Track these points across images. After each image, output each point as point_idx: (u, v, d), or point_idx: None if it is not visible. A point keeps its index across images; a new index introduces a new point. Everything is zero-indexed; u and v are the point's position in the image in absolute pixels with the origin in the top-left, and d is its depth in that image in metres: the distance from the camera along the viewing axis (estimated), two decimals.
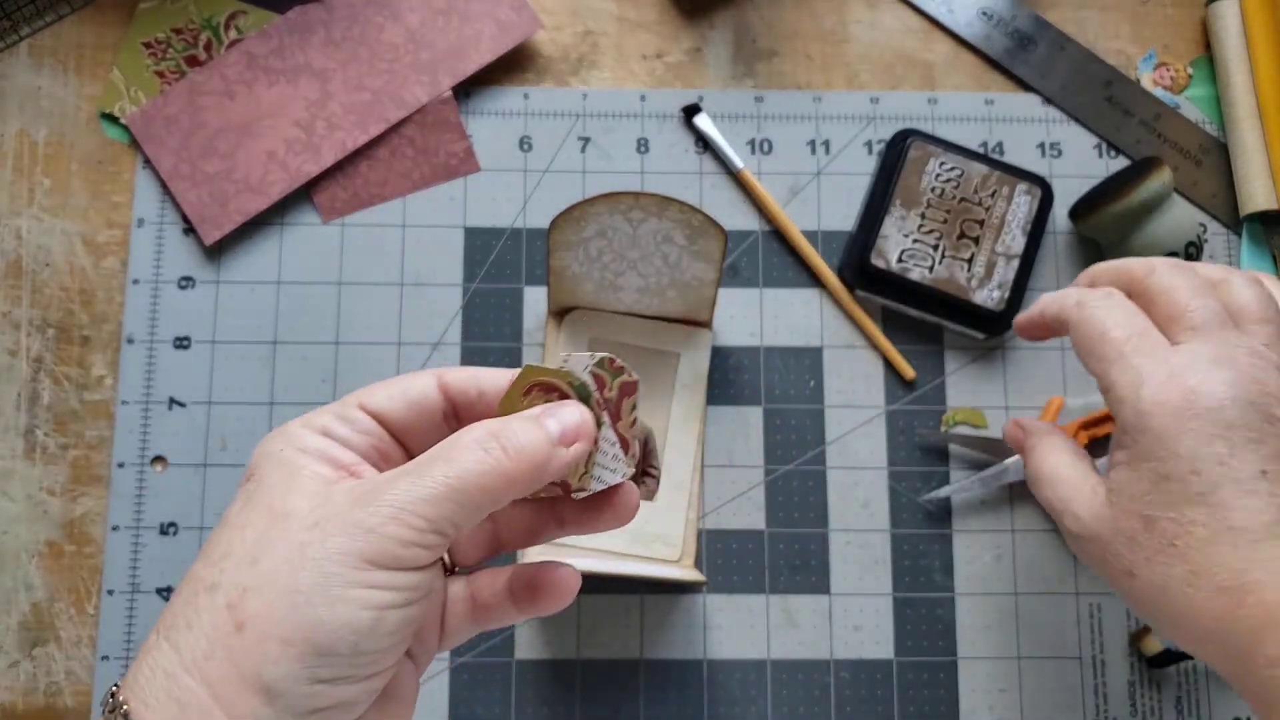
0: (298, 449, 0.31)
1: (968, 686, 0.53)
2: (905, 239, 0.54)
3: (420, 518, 0.29)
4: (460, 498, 0.29)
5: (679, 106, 0.58)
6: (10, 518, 0.53)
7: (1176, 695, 0.53)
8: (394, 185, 0.57)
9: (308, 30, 0.57)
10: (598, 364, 0.34)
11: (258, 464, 0.32)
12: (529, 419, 0.31)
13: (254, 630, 0.28)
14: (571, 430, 0.32)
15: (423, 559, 0.29)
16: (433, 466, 0.29)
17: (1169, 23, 0.60)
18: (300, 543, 0.28)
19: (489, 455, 0.30)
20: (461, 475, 0.29)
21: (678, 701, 0.52)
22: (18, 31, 0.57)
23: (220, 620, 0.28)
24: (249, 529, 0.30)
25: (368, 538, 0.28)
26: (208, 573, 0.29)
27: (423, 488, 0.29)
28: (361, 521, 0.28)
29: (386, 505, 0.29)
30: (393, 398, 0.33)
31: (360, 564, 0.28)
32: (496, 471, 0.30)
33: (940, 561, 0.54)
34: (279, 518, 0.29)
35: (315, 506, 0.29)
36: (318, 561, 0.28)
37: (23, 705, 0.51)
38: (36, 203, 0.56)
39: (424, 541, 0.29)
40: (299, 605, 0.28)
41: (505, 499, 0.31)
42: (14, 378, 0.54)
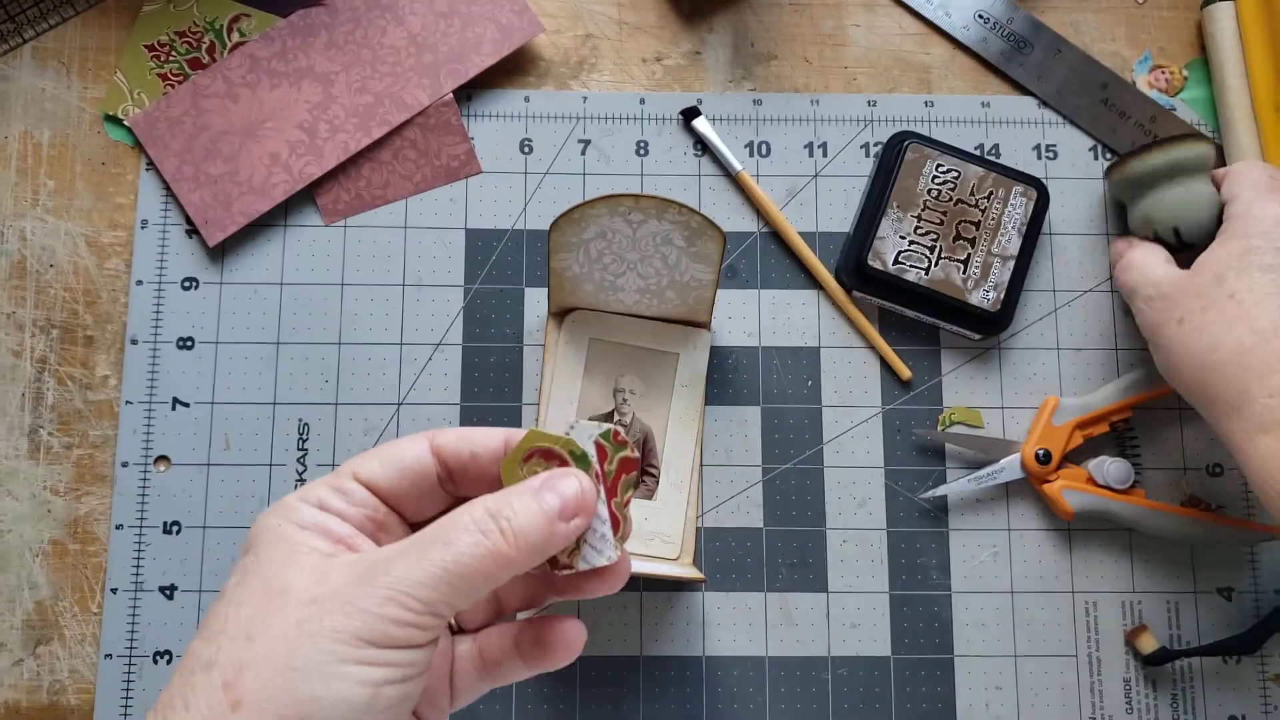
0: (294, 524, 0.31)
1: (964, 684, 0.53)
2: (902, 240, 0.54)
3: (417, 600, 0.29)
4: (457, 581, 0.29)
5: (678, 109, 0.58)
6: (15, 516, 0.53)
7: (1172, 693, 0.53)
8: (396, 187, 0.57)
9: (310, 33, 0.57)
10: (603, 435, 0.33)
11: (256, 537, 0.32)
12: (528, 493, 0.31)
13: (250, 708, 0.27)
14: (572, 505, 0.32)
15: (419, 639, 0.29)
16: (430, 550, 0.29)
17: (1164, 25, 0.60)
18: (297, 620, 0.28)
19: (487, 539, 0.30)
20: (458, 560, 0.29)
21: (677, 698, 0.52)
22: (22, 34, 0.58)
23: (216, 699, 0.28)
24: (245, 605, 0.29)
25: (363, 617, 0.28)
26: (204, 650, 0.29)
27: (420, 570, 0.29)
28: (357, 601, 0.28)
29: (383, 587, 0.29)
30: (386, 466, 0.33)
31: (356, 642, 0.28)
32: (494, 555, 0.30)
33: (937, 560, 0.54)
34: (274, 594, 0.29)
35: (312, 584, 0.29)
36: (314, 638, 0.28)
37: (27, 703, 0.52)
38: (40, 204, 0.56)
39: (420, 623, 0.29)
40: (294, 682, 0.28)
41: (504, 579, 0.30)
42: (18, 378, 0.55)
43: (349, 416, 0.55)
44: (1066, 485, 0.53)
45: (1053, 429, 0.54)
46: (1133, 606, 0.54)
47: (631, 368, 0.53)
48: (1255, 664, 0.54)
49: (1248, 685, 0.53)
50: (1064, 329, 0.56)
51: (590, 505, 0.32)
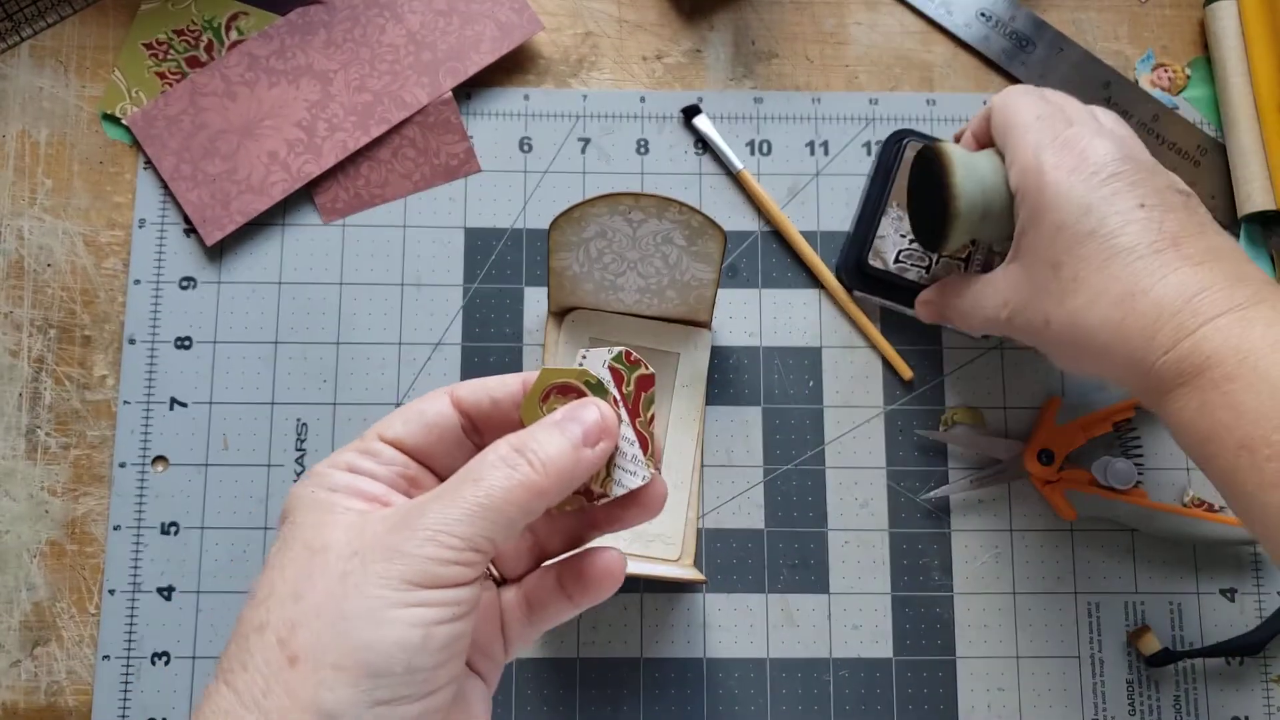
0: (327, 489, 0.32)
1: (966, 685, 0.53)
2: (902, 239, 0.54)
3: (455, 537, 0.29)
4: (492, 515, 0.30)
5: (679, 108, 0.58)
6: (12, 517, 0.53)
7: (1175, 694, 0.53)
8: (395, 186, 0.57)
9: (309, 31, 0.57)
10: (615, 358, 0.34)
11: (291, 507, 0.32)
12: (550, 426, 0.32)
13: (307, 661, 0.28)
14: (594, 430, 0.32)
15: (464, 576, 0.30)
16: (462, 488, 0.30)
17: (1167, 24, 0.60)
18: (341, 572, 0.29)
19: (515, 471, 0.30)
20: (490, 493, 0.30)
21: (677, 700, 0.52)
22: (19, 32, 0.58)
23: (273, 656, 0.29)
24: (288, 567, 0.30)
25: (406, 560, 0.29)
26: (255, 614, 0.30)
27: (454, 508, 0.30)
28: (398, 546, 0.29)
29: (422, 529, 0.29)
30: (409, 423, 0.34)
31: (402, 585, 0.29)
32: (524, 485, 0.30)
33: (939, 560, 0.54)
34: (316, 552, 0.30)
35: (351, 538, 0.30)
36: (360, 587, 0.29)
37: (24, 704, 0.52)
38: (38, 203, 0.56)
39: (462, 559, 0.29)
40: (347, 631, 0.28)
41: (538, 509, 0.31)
42: (16, 378, 0.54)
43: (348, 416, 0.55)
44: (1069, 486, 0.53)
45: (1055, 429, 0.53)
46: (1135, 607, 0.54)
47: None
48: (1258, 665, 0.53)
49: (1251, 686, 0.53)
50: None
51: (612, 428, 0.33)
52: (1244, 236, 0.57)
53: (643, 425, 0.34)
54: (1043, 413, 0.54)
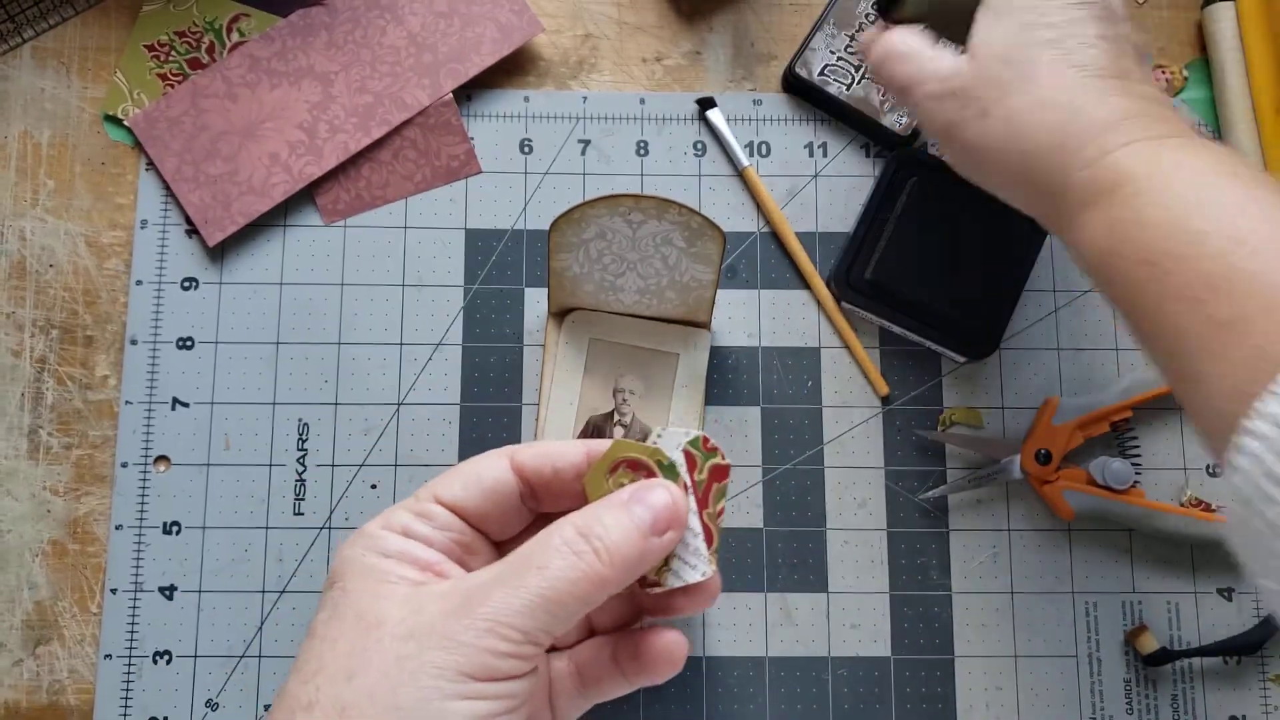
0: (379, 553, 0.31)
1: (964, 684, 0.53)
2: (831, 55, 0.57)
3: (515, 630, 0.28)
4: (554, 608, 0.29)
5: (680, 108, 0.58)
6: (14, 517, 0.53)
7: (1172, 693, 0.53)
8: (396, 187, 0.57)
9: (310, 33, 0.57)
10: (691, 442, 0.32)
11: (341, 570, 0.31)
12: (617, 508, 0.30)
13: None
14: (664, 518, 0.31)
15: (520, 669, 0.29)
16: (525, 576, 0.29)
17: (1165, 25, 0.60)
18: (397, 657, 0.28)
19: (581, 560, 0.29)
20: (555, 585, 0.29)
21: (677, 699, 0.52)
22: (21, 34, 0.58)
23: None
24: (340, 640, 0.29)
25: (464, 651, 0.28)
26: (302, 691, 0.28)
27: (517, 599, 0.28)
28: (456, 635, 0.28)
29: (481, 619, 0.28)
30: (468, 487, 0.32)
31: (458, 677, 0.28)
32: (589, 577, 0.29)
33: (937, 560, 0.54)
34: (369, 627, 0.29)
35: (406, 615, 0.29)
36: (415, 676, 0.27)
37: (26, 703, 0.52)
38: (40, 204, 0.56)
39: (520, 653, 0.28)
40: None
41: (599, 600, 0.30)
42: (18, 378, 0.55)
43: (349, 416, 0.55)
44: (1067, 486, 0.53)
45: (1053, 429, 0.54)
46: (1133, 607, 0.54)
47: (631, 368, 0.53)
48: (1256, 664, 0.54)
49: (1248, 686, 0.53)
50: (1064, 329, 0.56)
51: (682, 517, 0.31)
52: None
53: (710, 517, 0.32)
54: (1040, 413, 0.55)
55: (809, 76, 0.57)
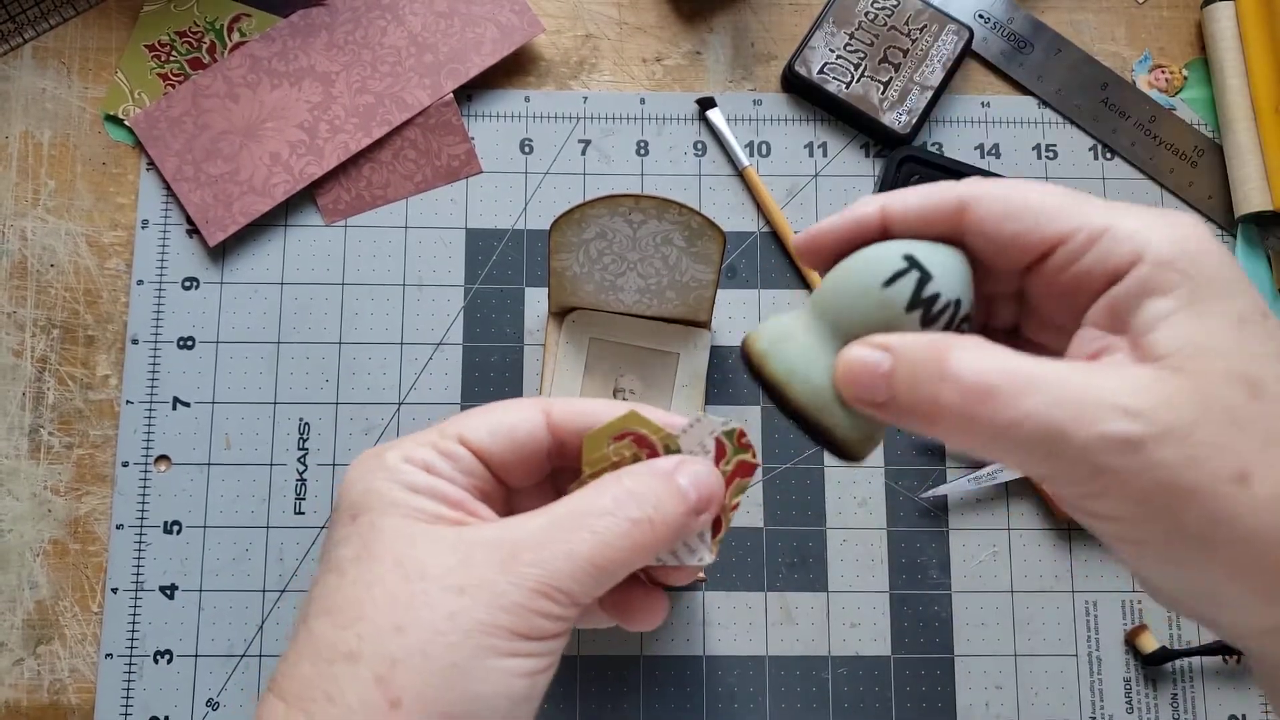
0: (407, 488, 0.30)
1: (964, 683, 0.53)
2: (831, 54, 0.57)
3: (564, 594, 0.28)
4: (601, 574, 0.29)
5: (681, 108, 0.58)
6: (15, 516, 0.53)
7: (1172, 692, 0.53)
8: (396, 187, 0.57)
9: (310, 33, 0.57)
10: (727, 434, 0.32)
11: (364, 503, 0.30)
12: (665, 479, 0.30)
13: (410, 708, 0.26)
14: (706, 498, 0.30)
15: (563, 629, 0.29)
16: (576, 536, 0.28)
17: (1164, 25, 0.60)
18: (449, 612, 0.27)
19: (635, 529, 0.29)
20: (605, 552, 0.28)
21: (677, 698, 0.53)
22: (22, 34, 0.58)
23: (370, 696, 0.26)
24: (378, 586, 0.28)
25: (516, 611, 0.27)
26: (341, 638, 0.27)
27: (569, 563, 0.28)
28: (508, 594, 0.28)
29: (532, 580, 0.28)
30: (495, 435, 0.31)
31: (510, 636, 0.27)
32: (638, 546, 0.29)
33: (937, 559, 0.54)
34: (412, 576, 0.28)
35: (454, 566, 0.28)
36: (470, 635, 0.27)
37: (27, 703, 0.52)
38: (41, 204, 0.56)
39: (565, 614, 0.28)
40: (455, 680, 0.27)
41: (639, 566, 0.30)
42: (19, 377, 0.55)
43: (349, 416, 0.55)
44: None
45: None
46: (1133, 606, 0.54)
47: (631, 368, 0.54)
48: None
49: (1248, 685, 0.53)
50: None
51: (719, 501, 0.31)
52: (1241, 237, 0.57)
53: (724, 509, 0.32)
54: None
55: (809, 75, 0.57)
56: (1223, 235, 0.58)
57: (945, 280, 0.28)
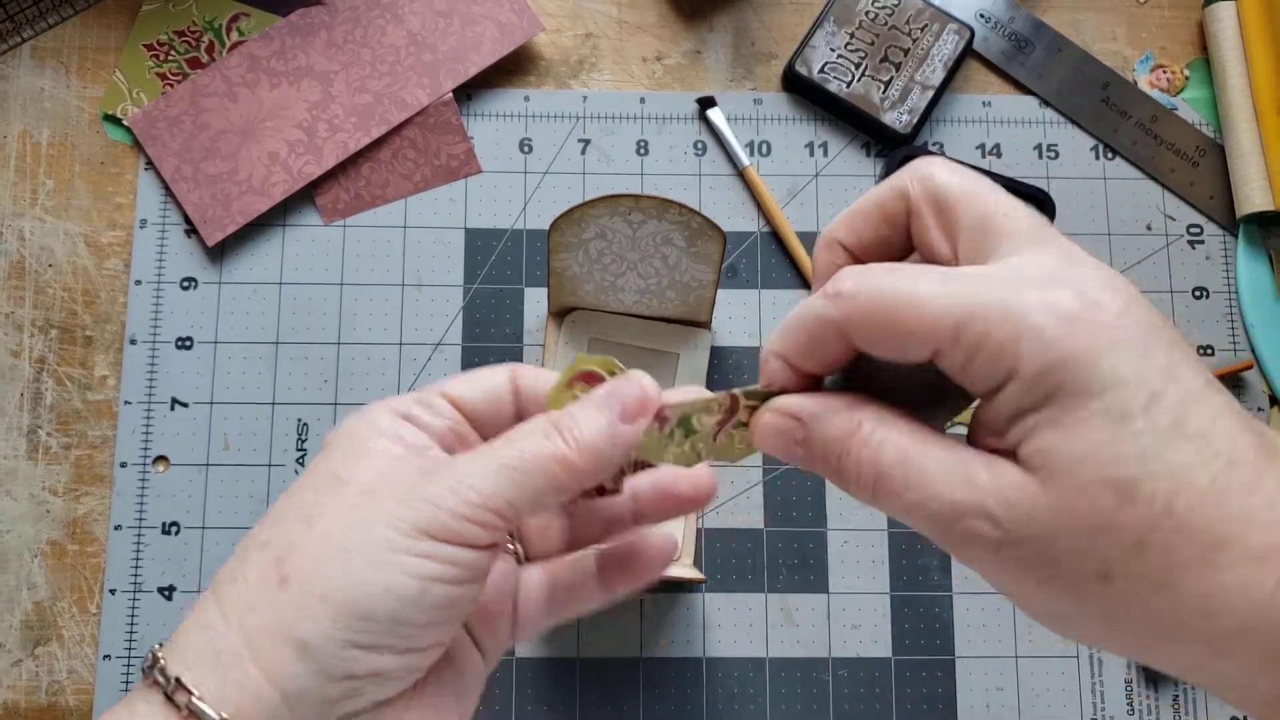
0: (371, 426, 0.31)
1: (965, 685, 0.53)
2: (831, 53, 0.57)
3: (475, 492, 0.28)
4: (517, 478, 0.29)
5: (681, 107, 0.58)
6: (13, 517, 0.53)
7: (1173, 694, 0.53)
8: (395, 187, 0.57)
9: (309, 32, 0.57)
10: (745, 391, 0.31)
11: (333, 440, 0.32)
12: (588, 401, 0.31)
13: (297, 585, 0.28)
14: (633, 405, 0.31)
15: (477, 537, 0.28)
16: (493, 446, 0.30)
17: (1166, 25, 0.60)
18: (353, 505, 0.29)
19: (549, 441, 0.29)
20: (520, 455, 0.29)
21: (677, 700, 0.52)
22: (20, 33, 0.58)
23: (266, 574, 0.28)
24: (308, 491, 0.30)
25: (421, 506, 0.28)
26: (261, 531, 0.29)
27: (481, 464, 0.29)
28: (417, 490, 0.28)
29: (444, 479, 0.29)
30: (473, 386, 0.33)
31: (411, 531, 0.28)
32: (555, 456, 0.29)
33: (938, 560, 0.54)
34: (339, 483, 0.29)
35: (376, 475, 0.29)
36: (368, 524, 0.28)
37: (25, 704, 0.52)
38: (39, 204, 0.56)
39: (478, 518, 0.28)
40: (343, 565, 0.28)
41: (570, 487, 0.30)
42: (17, 378, 0.54)
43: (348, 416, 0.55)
44: None
45: None
46: None
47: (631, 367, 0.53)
48: None
49: None
50: None
51: (652, 404, 0.31)
52: (1242, 237, 0.57)
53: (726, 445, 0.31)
54: None
55: (809, 74, 0.57)
56: (1224, 235, 0.58)
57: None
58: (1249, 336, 0.56)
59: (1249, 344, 0.56)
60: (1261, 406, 0.56)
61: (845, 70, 0.57)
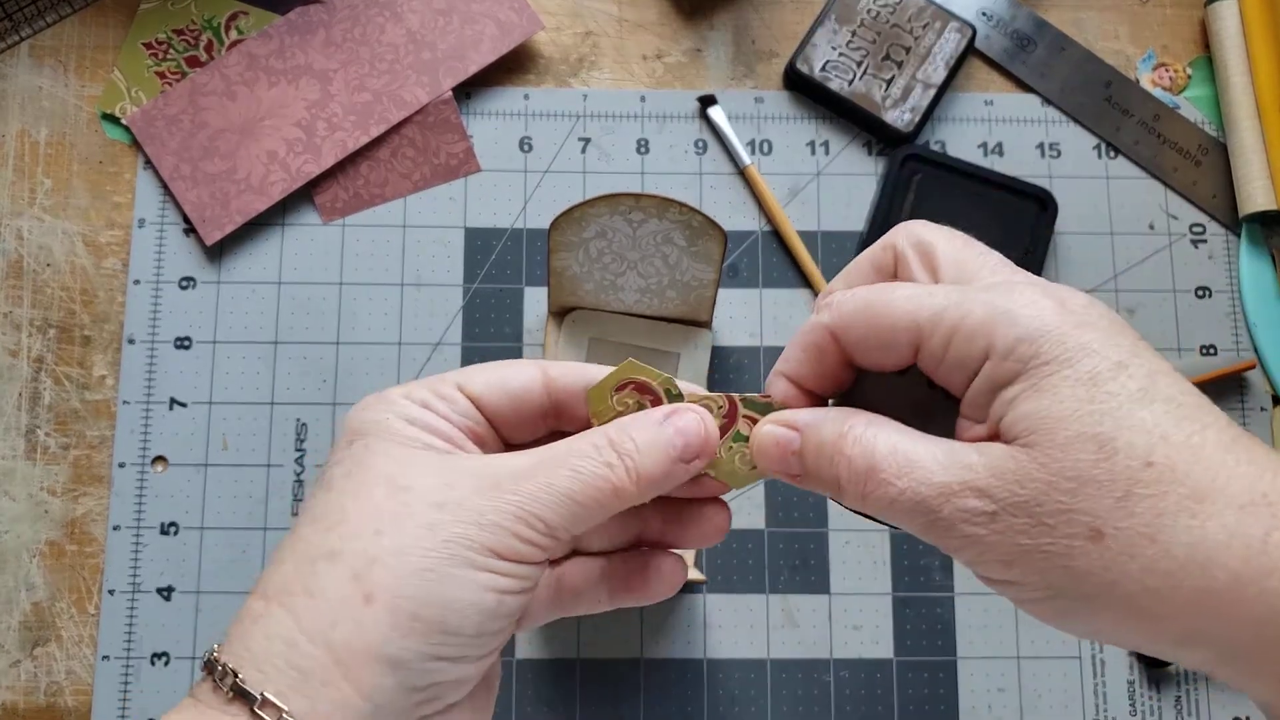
0: (404, 418, 0.31)
1: (967, 686, 0.53)
2: (832, 51, 0.57)
3: (541, 521, 0.29)
4: (578, 510, 0.30)
5: (681, 106, 0.58)
6: (11, 517, 0.53)
7: (1176, 695, 0.53)
8: (395, 186, 0.57)
9: (308, 31, 0.57)
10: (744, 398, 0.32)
11: (361, 429, 0.31)
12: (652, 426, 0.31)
13: (384, 603, 0.28)
14: (695, 446, 0.31)
15: (538, 556, 0.30)
16: (557, 473, 0.30)
17: (1168, 23, 0.60)
18: (429, 523, 0.29)
19: (612, 472, 0.30)
20: (584, 490, 0.30)
21: (677, 700, 0.52)
22: (18, 32, 0.57)
23: (347, 591, 0.28)
24: (363, 498, 0.30)
25: (493, 530, 0.29)
26: (324, 539, 0.29)
27: (547, 495, 0.29)
28: (486, 514, 0.29)
29: (512, 505, 0.29)
30: (491, 386, 0.33)
31: (485, 552, 0.29)
32: (615, 489, 0.30)
33: (940, 561, 0.54)
34: (398, 490, 0.29)
35: (438, 486, 0.30)
36: (447, 544, 0.28)
37: (24, 705, 0.52)
38: (38, 203, 0.56)
39: (541, 543, 0.30)
40: (429, 582, 0.28)
41: (619, 510, 0.31)
42: (15, 378, 0.54)
43: None
44: None
45: None
46: None
47: None
48: None
49: None
50: None
51: (712, 448, 0.32)
52: (1244, 237, 0.57)
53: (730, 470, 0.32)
54: None
55: (810, 72, 0.57)
56: (1226, 235, 0.57)
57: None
58: (1251, 336, 0.56)
59: (1251, 343, 0.56)
60: (1264, 406, 0.55)
61: (847, 68, 0.57)
